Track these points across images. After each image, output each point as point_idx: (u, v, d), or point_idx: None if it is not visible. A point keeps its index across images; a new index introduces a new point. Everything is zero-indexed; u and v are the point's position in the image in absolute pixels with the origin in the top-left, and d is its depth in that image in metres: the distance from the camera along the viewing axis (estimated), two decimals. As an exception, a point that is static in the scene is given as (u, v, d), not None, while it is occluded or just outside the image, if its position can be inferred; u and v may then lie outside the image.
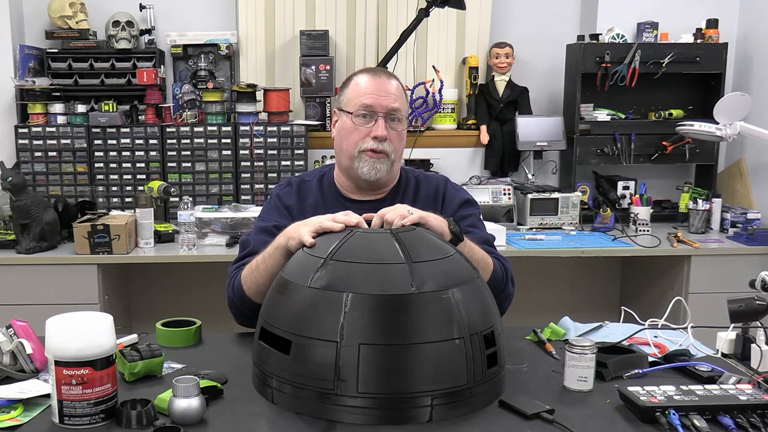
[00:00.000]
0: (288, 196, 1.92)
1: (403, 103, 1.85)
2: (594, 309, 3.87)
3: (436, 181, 1.98)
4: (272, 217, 1.88)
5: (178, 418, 1.32)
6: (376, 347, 1.31)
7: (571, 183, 3.77)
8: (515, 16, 3.94)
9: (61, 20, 3.60)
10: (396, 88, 1.85)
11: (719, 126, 3.32)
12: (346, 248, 1.42)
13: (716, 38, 3.71)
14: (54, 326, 1.33)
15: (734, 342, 1.74)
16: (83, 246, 3.04)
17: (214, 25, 3.79)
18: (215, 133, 3.59)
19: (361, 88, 1.83)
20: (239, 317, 1.81)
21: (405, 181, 1.95)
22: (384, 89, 1.82)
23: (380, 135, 1.80)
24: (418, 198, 1.91)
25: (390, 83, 1.84)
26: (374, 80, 1.83)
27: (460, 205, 1.92)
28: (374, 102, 1.80)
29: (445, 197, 1.93)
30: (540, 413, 1.36)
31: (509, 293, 1.83)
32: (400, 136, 1.85)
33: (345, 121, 1.85)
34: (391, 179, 1.91)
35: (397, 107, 1.82)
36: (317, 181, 1.95)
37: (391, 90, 1.83)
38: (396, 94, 1.83)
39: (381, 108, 1.81)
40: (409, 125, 3.79)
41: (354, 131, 1.82)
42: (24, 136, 3.52)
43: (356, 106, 1.82)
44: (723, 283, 3.14)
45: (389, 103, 1.81)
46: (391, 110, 1.81)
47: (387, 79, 1.86)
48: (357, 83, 1.85)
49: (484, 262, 1.72)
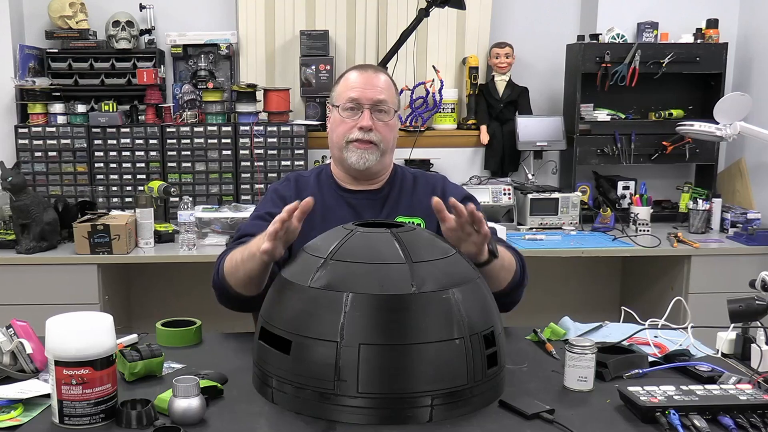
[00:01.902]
0: (285, 189, 1.96)
1: (391, 95, 1.90)
2: (594, 309, 3.87)
3: (434, 179, 2.01)
4: (267, 207, 1.92)
5: (178, 418, 1.32)
6: (376, 347, 1.31)
7: (571, 183, 3.77)
8: (515, 16, 3.94)
9: (61, 20, 3.60)
10: (383, 81, 1.90)
11: (719, 126, 3.32)
12: (346, 248, 1.42)
13: (716, 38, 3.71)
14: (54, 326, 1.33)
15: (734, 342, 1.74)
16: (83, 246, 3.04)
17: (214, 25, 3.79)
18: (215, 133, 3.59)
19: (349, 83, 1.89)
20: (221, 301, 1.82)
21: (401, 176, 1.98)
22: (370, 82, 1.87)
23: (365, 125, 1.85)
24: (415, 193, 1.94)
25: (377, 77, 1.90)
26: (361, 75, 1.89)
27: (462, 201, 1.93)
28: (360, 95, 1.86)
29: (445, 195, 1.93)
30: (540, 413, 1.36)
31: (525, 284, 1.86)
32: (388, 127, 1.89)
33: (335, 115, 1.91)
34: (384, 169, 1.94)
35: (382, 98, 1.87)
36: (315, 176, 2.00)
37: (378, 83, 1.88)
38: (382, 87, 1.88)
39: (366, 100, 1.86)
40: (409, 125, 3.81)
41: (341, 123, 1.88)
42: (24, 136, 3.52)
43: (343, 100, 1.88)
44: (723, 283, 3.14)
45: (374, 95, 1.86)
46: (376, 101, 1.86)
47: (374, 73, 1.91)
48: (346, 78, 1.92)
49: (510, 264, 1.75)
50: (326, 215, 1.88)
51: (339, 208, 1.91)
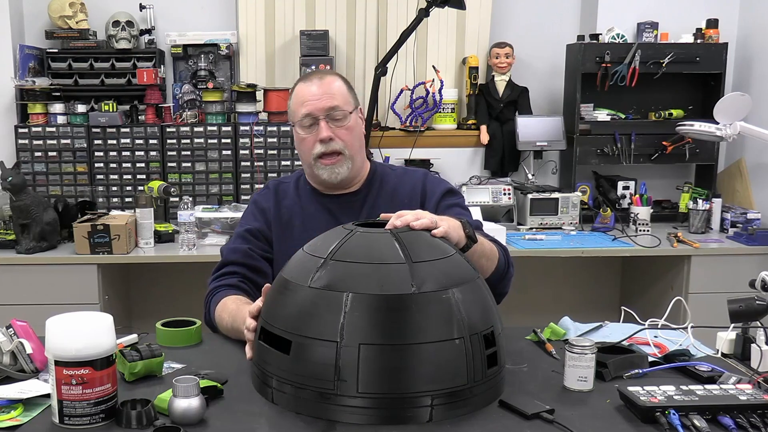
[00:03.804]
0: (265, 199, 1.97)
1: (343, 97, 1.86)
2: (594, 309, 3.87)
3: (415, 175, 1.99)
4: (248, 221, 1.95)
5: (178, 418, 1.32)
6: (376, 347, 1.31)
7: (571, 183, 3.77)
8: (515, 16, 3.94)
9: (61, 20, 3.60)
10: (331, 86, 1.85)
11: (719, 126, 3.32)
12: (346, 248, 1.42)
13: (716, 38, 3.71)
14: (54, 326, 1.32)
15: (734, 342, 1.74)
16: (83, 246, 3.04)
17: (214, 25, 3.79)
18: (215, 133, 3.60)
19: (299, 98, 1.86)
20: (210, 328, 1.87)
21: (381, 174, 1.97)
22: (317, 93, 1.84)
23: (323, 137, 1.83)
24: (396, 192, 1.93)
25: (323, 83, 1.85)
26: (307, 86, 1.86)
27: (443, 195, 1.93)
28: (311, 109, 1.83)
29: (426, 191, 1.94)
30: (540, 413, 1.36)
31: (511, 274, 1.86)
32: (349, 130, 1.86)
33: (297, 132, 1.89)
34: (357, 173, 1.93)
35: (334, 105, 1.84)
36: (294, 182, 2.00)
37: (326, 89, 1.84)
38: (332, 92, 1.84)
39: (318, 111, 1.83)
40: (409, 125, 3.81)
41: (303, 141, 1.88)
42: (24, 136, 3.53)
43: (299, 117, 1.86)
44: (723, 283, 3.14)
45: (324, 104, 1.83)
46: (328, 109, 1.83)
47: (319, 80, 1.86)
48: (296, 93, 1.89)
49: (491, 253, 1.74)
50: (306, 222, 1.90)
51: (318, 213, 1.91)
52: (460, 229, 1.59)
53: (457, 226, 1.58)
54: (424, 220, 1.50)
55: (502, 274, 1.79)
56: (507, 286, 1.85)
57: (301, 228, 1.88)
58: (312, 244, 1.51)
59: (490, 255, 1.73)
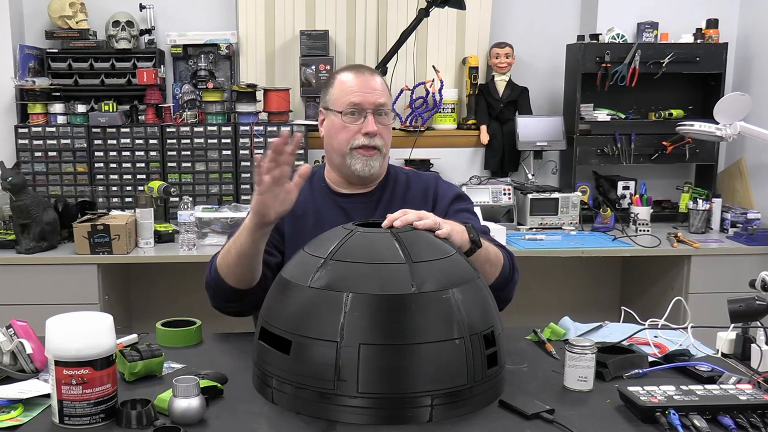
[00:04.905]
0: None
1: (387, 97, 1.89)
2: (594, 309, 3.87)
3: (427, 179, 2.00)
4: None
5: (178, 418, 1.32)
6: (376, 347, 1.31)
7: (571, 183, 3.77)
8: (515, 16, 3.94)
9: (61, 20, 3.60)
10: (380, 83, 1.88)
11: (719, 126, 3.32)
12: (346, 248, 1.42)
13: (716, 38, 3.71)
14: (54, 326, 1.33)
15: (734, 342, 1.74)
16: (83, 246, 3.04)
17: (214, 25, 3.79)
18: (215, 133, 3.59)
19: (347, 87, 1.85)
20: (215, 301, 1.82)
21: (394, 176, 1.97)
22: (369, 86, 1.85)
23: (371, 131, 1.83)
24: (408, 195, 1.94)
25: (374, 79, 1.88)
26: (359, 77, 1.86)
27: (453, 200, 1.94)
28: (362, 99, 1.83)
29: (437, 195, 1.95)
30: (540, 413, 1.36)
31: (516, 280, 1.85)
32: (389, 130, 1.90)
33: (334, 120, 1.87)
34: (382, 172, 1.94)
35: (383, 102, 1.86)
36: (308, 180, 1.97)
37: (376, 86, 1.86)
38: (381, 90, 1.87)
39: (369, 104, 1.84)
40: (409, 125, 3.81)
41: (343, 129, 1.85)
42: (24, 136, 3.53)
43: (344, 105, 1.84)
44: (723, 283, 3.13)
45: (376, 99, 1.84)
46: (378, 105, 1.85)
47: (371, 75, 1.89)
48: (342, 81, 1.88)
49: (497, 258, 1.74)
50: (318, 219, 1.88)
51: (331, 211, 1.90)
52: (464, 233, 1.59)
53: (461, 230, 1.59)
54: (427, 221, 1.51)
55: (506, 280, 1.78)
56: (511, 292, 1.83)
57: (314, 224, 1.86)
58: (312, 243, 1.51)
59: (495, 261, 1.73)
